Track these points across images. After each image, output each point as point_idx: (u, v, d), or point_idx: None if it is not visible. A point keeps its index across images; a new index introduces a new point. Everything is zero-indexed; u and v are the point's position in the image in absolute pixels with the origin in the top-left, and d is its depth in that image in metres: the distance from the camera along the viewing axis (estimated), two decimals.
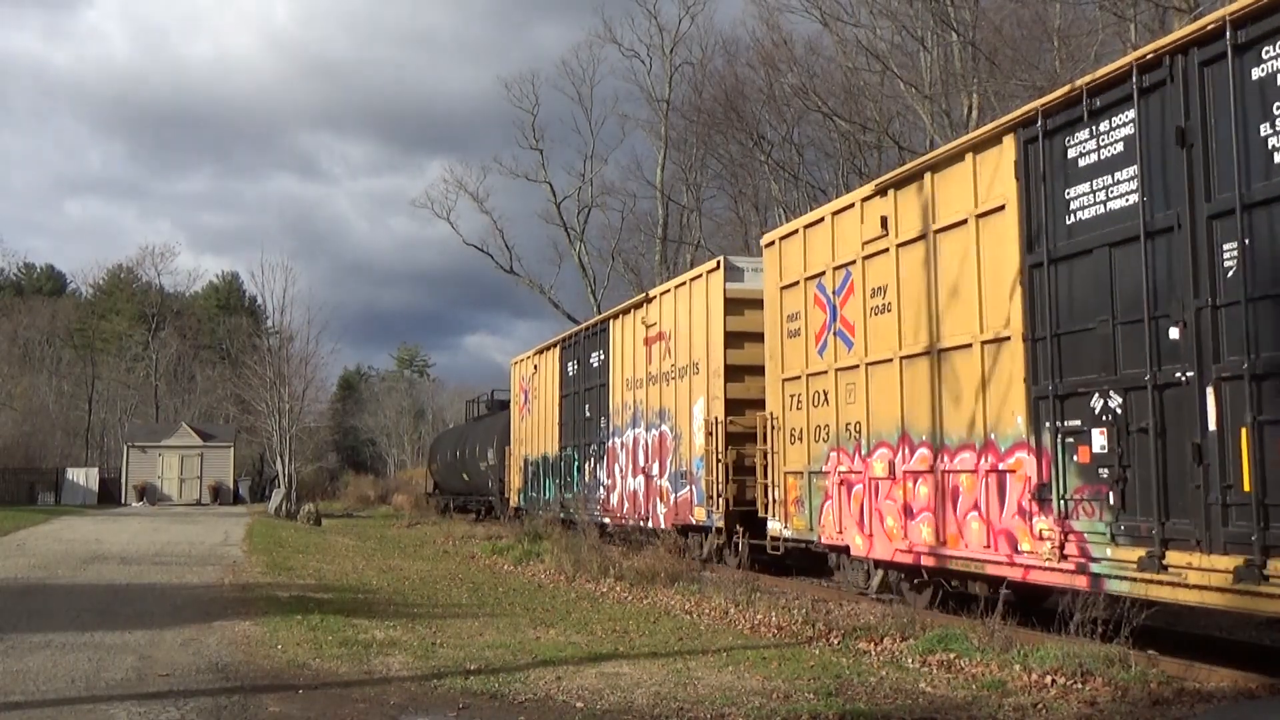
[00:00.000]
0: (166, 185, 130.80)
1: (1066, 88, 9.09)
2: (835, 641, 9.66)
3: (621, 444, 19.76)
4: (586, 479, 21.61)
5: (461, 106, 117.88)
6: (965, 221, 10.20)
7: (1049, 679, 7.71)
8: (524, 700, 7.24)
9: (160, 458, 49.78)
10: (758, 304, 14.84)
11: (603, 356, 21.00)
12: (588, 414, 21.73)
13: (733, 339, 15.66)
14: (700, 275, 16.67)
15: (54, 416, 62.08)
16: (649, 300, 18.83)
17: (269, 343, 44.72)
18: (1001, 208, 9.73)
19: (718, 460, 15.46)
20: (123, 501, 48.00)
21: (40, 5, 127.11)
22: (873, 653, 9.13)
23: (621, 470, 19.73)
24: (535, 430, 25.66)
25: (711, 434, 15.65)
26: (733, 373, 15.58)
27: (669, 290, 18.00)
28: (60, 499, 47.07)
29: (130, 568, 16.43)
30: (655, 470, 18.06)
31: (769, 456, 13.91)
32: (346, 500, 51.02)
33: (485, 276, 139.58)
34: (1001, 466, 9.61)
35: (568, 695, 7.36)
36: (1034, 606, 10.47)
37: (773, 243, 14.23)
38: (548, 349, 25.09)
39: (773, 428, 13.84)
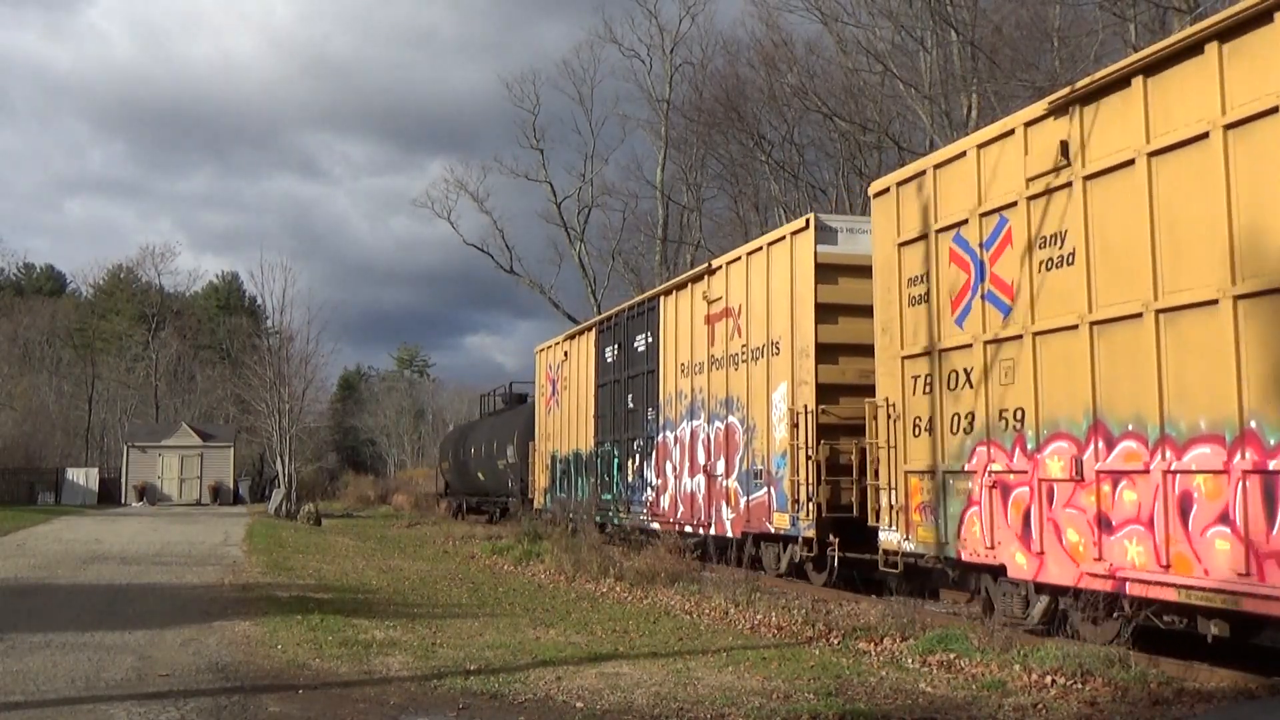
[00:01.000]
0: (167, 184, 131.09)
1: None
2: (835, 641, 9.65)
3: (675, 439, 17.34)
4: (630, 479, 19.27)
5: (463, 105, 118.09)
6: (1205, 135, 7.79)
7: (1049, 679, 7.70)
8: (524, 700, 7.24)
9: (160, 458, 49.80)
10: (857, 270, 13.00)
11: (650, 339, 18.67)
12: (631, 405, 19.41)
13: (824, 312, 13.46)
14: (782, 238, 14.41)
15: (54, 416, 62.10)
16: (711, 272, 16.48)
17: (269, 343, 44.70)
18: (1272, 110, 7.32)
19: (808, 457, 13.22)
20: (123, 501, 48.00)
21: (41, 4, 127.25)
22: (873, 653, 9.13)
23: (675, 468, 17.31)
24: (565, 424, 23.31)
25: (798, 426, 13.40)
26: (824, 352, 13.38)
27: (738, 259, 15.68)
28: (60, 499, 47.07)
29: (130, 568, 16.42)
30: (720, 469, 15.71)
31: (882, 452, 11.65)
32: (346, 500, 51.03)
33: (486, 276, 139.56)
34: (1272, 466, 7.23)
35: (568, 695, 7.35)
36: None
37: (886, 190, 11.82)
38: (580, 334, 22.84)
39: (888, 417, 11.53)
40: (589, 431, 21.66)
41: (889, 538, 11.51)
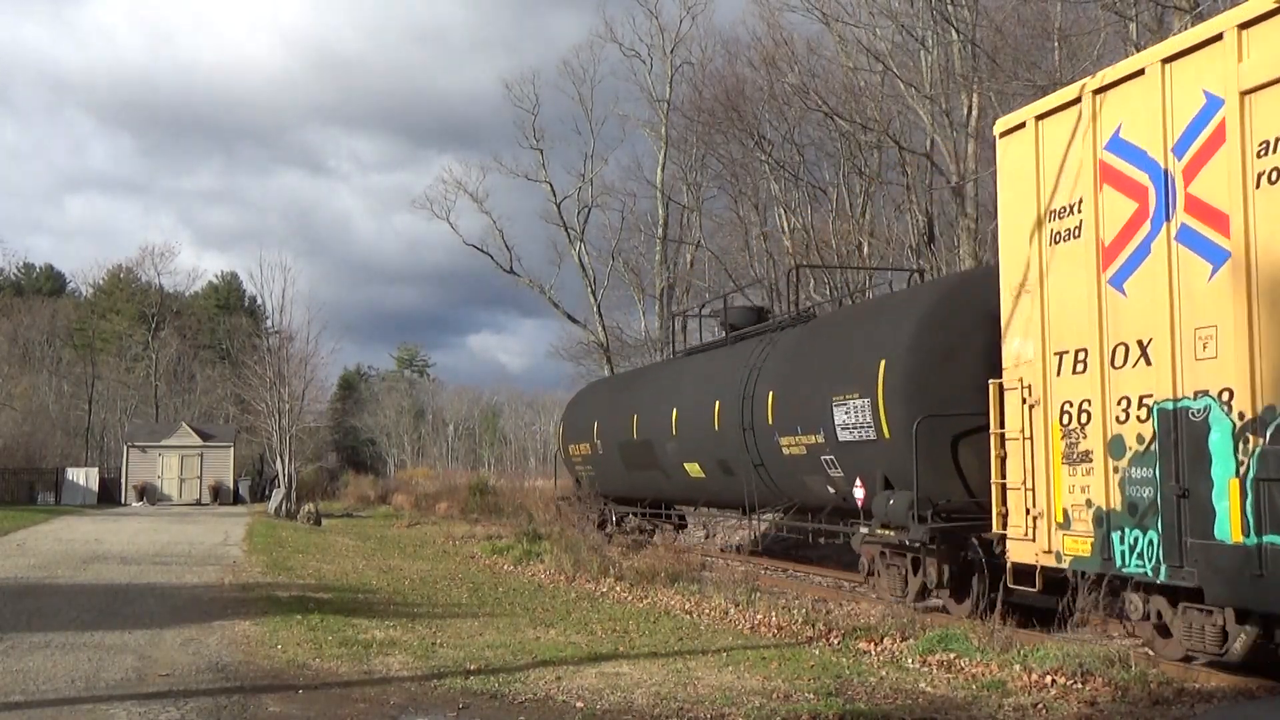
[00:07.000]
0: (172, 182, 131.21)
1: None
2: (835, 641, 9.65)
3: None
4: None
5: (472, 102, 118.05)
6: None
7: (1049, 679, 7.71)
8: (524, 700, 7.24)
9: (160, 458, 49.79)
10: None
11: None
12: None
13: None
14: None
15: (54, 416, 62.11)
16: None
17: (269, 343, 44.69)
18: None
19: None
20: (123, 501, 47.98)
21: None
22: (873, 653, 9.13)
23: None
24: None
25: None
26: None
27: None
28: (60, 499, 47.04)
29: (130, 568, 16.42)
30: None
31: None
32: (346, 500, 50.99)
33: (489, 275, 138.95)
34: None
35: (568, 695, 7.36)
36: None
37: None
38: None
39: None
40: None
41: None
